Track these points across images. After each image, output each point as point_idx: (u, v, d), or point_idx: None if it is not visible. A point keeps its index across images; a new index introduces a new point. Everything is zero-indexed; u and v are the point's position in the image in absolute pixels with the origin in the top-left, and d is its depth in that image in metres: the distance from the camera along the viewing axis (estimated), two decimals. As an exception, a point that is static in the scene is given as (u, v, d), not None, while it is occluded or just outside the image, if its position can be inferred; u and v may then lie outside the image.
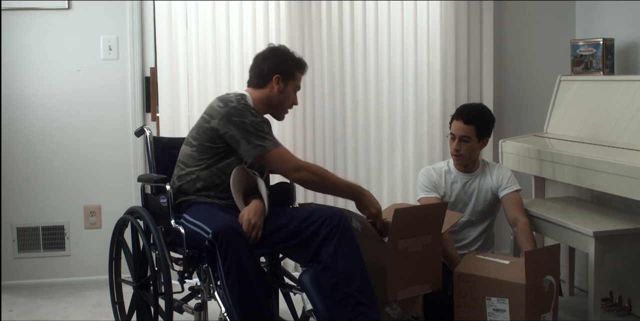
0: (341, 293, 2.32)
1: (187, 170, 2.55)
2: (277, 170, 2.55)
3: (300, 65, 2.65)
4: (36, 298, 3.46)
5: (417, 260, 2.57)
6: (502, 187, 2.96)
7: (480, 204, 2.99)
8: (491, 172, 3.01)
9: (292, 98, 2.66)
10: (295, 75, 2.63)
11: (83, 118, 3.61)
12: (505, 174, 2.98)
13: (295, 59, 2.64)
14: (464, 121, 2.90)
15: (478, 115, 2.95)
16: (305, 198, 3.60)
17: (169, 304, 2.43)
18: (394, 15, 3.70)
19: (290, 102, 2.67)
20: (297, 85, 2.67)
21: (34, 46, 3.54)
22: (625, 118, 2.96)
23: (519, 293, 2.50)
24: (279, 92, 2.60)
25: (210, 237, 2.24)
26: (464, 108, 2.98)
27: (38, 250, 3.64)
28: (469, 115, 2.92)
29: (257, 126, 2.46)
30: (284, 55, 2.63)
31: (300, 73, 2.66)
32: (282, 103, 2.64)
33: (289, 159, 2.49)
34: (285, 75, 2.60)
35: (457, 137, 2.92)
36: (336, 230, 2.39)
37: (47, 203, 3.63)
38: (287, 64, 2.61)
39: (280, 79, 2.59)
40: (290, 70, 2.61)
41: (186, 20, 3.56)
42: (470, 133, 2.90)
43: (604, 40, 3.34)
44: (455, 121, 2.93)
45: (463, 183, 3.00)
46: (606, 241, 2.65)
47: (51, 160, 3.61)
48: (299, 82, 2.68)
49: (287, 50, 2.66)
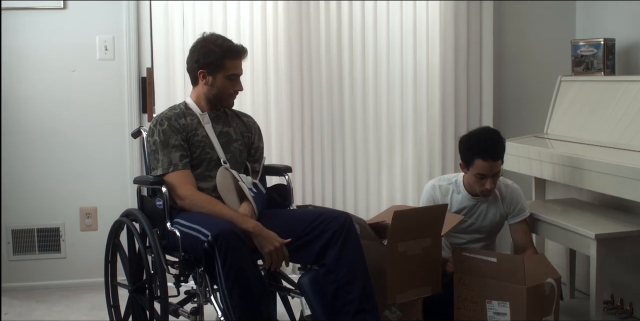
0: (343, 298, 2.30)
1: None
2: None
3: (228, 53, 2.52)
4: (31, 301, 3.42)
5: (417, 263, 2.55)
6: (512, 215, 2.90)
7: (487, 225, 2.90)
8: (502, 195, 2.88)
9: (228, 86, 2.56)
10: (224, 64, 2.52)
11: (79, 119, 3.58)
12: (516, 200, 2.87)
13: (220, 48, 2.52)
14: (493, 159, 2.71)
15: (502, 147, 2.79)
16: (304, 200, 3.58)
17: (165, 308, 2.40)
18: (393, 15, 3.68)
19: (229, 91, 2.57)
20: (232, 73, 2.54)
21: (29, 46, 3.51)
22: (627, 119, 2.94)
23: (520, 297, 2.49)
24: (210, 86, 2.56)
25: (210, 239, 2.21)
26: (489, 145, 2.74)
27: (33, 252, 3.61)
28: (496, 151, 2.74)
29: (156, 147, 2.51)
30: (205, 47, 2.54)
31: (230, 60, 2.53)
32: (219, 95, 2.58)
33: (177, 186, 2.45)
34: (209, 68, 2.54)
35: (488, 176, 2.72)
36: (340, 233, 2.37)
37: (42, 204, 3.59)
38: (208, 57, 2.53)
39: (206, 73, 2.55)
40: (215, 62, 2.53)
41: (183, 20, 3.53)
42: (500, 166, 2.77)
43: (604, 40, 3.31)
44: (483, 161, 2.70)
45: (471, 205, 2.88)
46: (608, 243, 2.63)
47: (46, 161, 3.58)
48: (234, 69, 2.54)
49: (209, 40, 2.55)
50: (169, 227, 2.43)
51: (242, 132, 2.69)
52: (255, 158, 2.73)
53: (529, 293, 2.48)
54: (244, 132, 2.70)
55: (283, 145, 3.62)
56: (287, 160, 3.58)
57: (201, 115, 2.58)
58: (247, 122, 2.74)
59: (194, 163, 2.55)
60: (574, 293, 3.37)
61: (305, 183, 3.65)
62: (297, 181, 3.61)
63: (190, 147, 2.54)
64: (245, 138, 2.70)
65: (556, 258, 3.38)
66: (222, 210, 2.41)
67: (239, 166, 2.64)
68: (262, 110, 3.58)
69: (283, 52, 3.58)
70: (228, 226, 2.26)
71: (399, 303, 2.53)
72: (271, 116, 3.60)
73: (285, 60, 3.58)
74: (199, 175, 2.54)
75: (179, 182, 2.47)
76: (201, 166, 2.55)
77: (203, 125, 2.58)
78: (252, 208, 2.48)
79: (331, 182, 3.71)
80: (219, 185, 2.50)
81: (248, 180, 2.58)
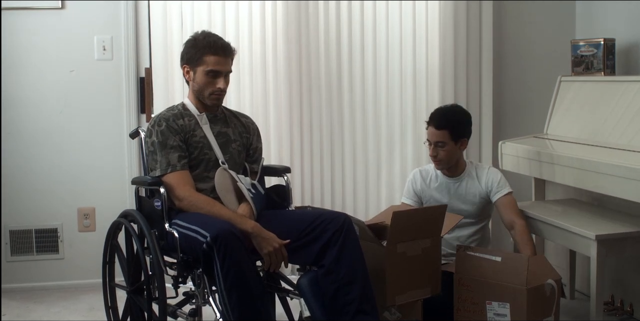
0: (343, 299, 2.29)
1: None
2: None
3: (208, 48, 2.50)
4: (29, 302, 3.41)
5: (416, 264, 2.53)
6: (493, 192, 2.95)
7: (468, 207, 2.96)
8: (479, 176, 2.98)
9: (208, 83, 2.52)
10: (202, 59, 2.50)
11: (77, 119, 3.57)
12: (494, 178, 2.96)
13: (202, 42, 2.52)
14: (435, 127, 2.90)
15: (449, 118, 2.92)
16: (303, 202, 3.57)
17: (163, 309, 2.38)
18: (392, 15, 3.67)
19: (210, 88, 2.53)
20: (211, 69, 2.50)
21: (27, 46, 3.50)
22: (626, 119, 2.93)
23: (520, 298, 2.47)
24: (192, 82, 2.57)
25: (209, 240, 2.20)
26: (435, 114, 2.96)
27: (31, 253, 3.60)
28: (440, 120, 2.91)
29: (154, 148, 2.50)
30: (189, 42, 2.57)
31: (209, 55, 2.50)
32: (200, 91, 2.56)
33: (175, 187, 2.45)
34: (191, 63, 2.55)
35: (432, 143, 2.91)
36: (340, 234, 2.36)
37: (40, 205, 3.58)
38: (189, 51, 2.55)
39: (189, 68, 2.56)
40: (195, 56, 2.53)
41: (181, 20, 3.52)
42: (444, 138, 2.89)
43: (604, 40, 3.30)
44: (430, 127, 2.92)
45: (448, 187, 2.99)
46: (608, 244, 2.62)
47: (44, 161, 3.56)
48: (214, 65, 2.50)
49: (195, 36, 2.57)
50: (167, 228, 2.42)
51: (240, 133, 2.68)
52: (254, 158, 2.72)
53: (529, 294, 2.47)
54: (242, 133, 2.69)
55: (282, 146, 3.61)
56: (285, 161, 3.57)
57: (199, 116, 2.57)
58: (245, 122, 2.73)
59: (192, 164, 2.53)
60: (574, 294, 3.36)
61: (304, 184, 3.64)
62: (296, 182, 3.60)
63: (189, 147, 2.53)
64: (243, 138, 2.69)
65: (556, 258, 3.37)
66: (220, 211, 2.40)
67: (237, 167, 2.62)
68: (261, 110, 3.57)
69: (282, 52, 3.57)
70: (227, 227, 2.24)
71: (398, 304, 2.51)
72: (270, 116, 3.59)
73: (284, 61, 3.57)
74: (197, 175, 2.53)
75: (177, 183, 2.46)
76: (199, 167, 2.54)
77: (201, 126, 2.56)
78: (250, 209, 2.47)
79: (330, 182, 3.70)
80: (218, 186, 2.49)
81: (247, 181, 2.56)
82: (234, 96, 3.54)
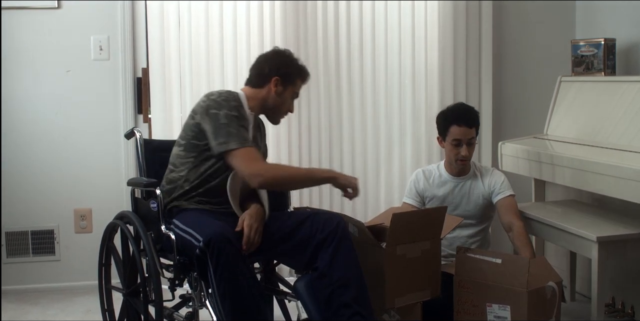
0: (337, 302, 2.27)
1: (176, 171, 2.49)
2: (238, 172, 2.38)
3: (302, 73, 2.61)
4: (24, 304, 3.39)
5: (416, 266, 2.51)
6: (495, 193, 2.94)
7: (471, 208, 2.96)
8: (483, 177, 2.99)
9: (288, 104, 2.60)
10: (295, 81, 2.58)
11: (73, 119, 3.55)
12: (497, 180, 2.96)
13: (298, 65, 2.60)
14: (468, 125, 2.90)
15: (475, 116, 2.96)
16: (301, 203, 3.55)
17: (159, 312, 2.36)
18: (391, 15, 3.65)
19: (286, 107, 2.60)
20: (296, 92, 2.61)
21: (22, 46, 3.47)
22: (627, 119, 2.92)
23: (521, 300, 2.45)
24: (275, 95, 2.55)
25: (202, 245, 2.17)
26: (462, 113, 2.95)
27: (27, 254, 3.57)
28: (469, 118, 2.92)
29: (228, 121, 2.35)
30: (288, 59, 2.60)
31: (300, 80, 2.60)
32: (278, 107, 2.58)
33: (249, 163, 2.32)
34: (284, 78, 2.55)
35: (464, 142, 2.90)
36: (333, 236, 2.33)
37: (36, 206, 3.56)
38: (288, 68, 2.57)
39: (279, 82, 2.54)
40: (291, 75, 2.57)
41: (178, 19, 3.50)
42: (474, 134, 2.93)
43: (605, 40, 3.28)
44: (457, 127, 2.89)
45: (453, 186, 2.98)
46: (610, 246, 2.60)
47: (40, 162, 3.54)
48: (299, 89, 2.62)
49: (291, 55, 2.62)
50: (163, 230, 2.39)
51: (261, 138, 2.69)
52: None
53: (530, 296, 2.45)
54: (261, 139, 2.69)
55: (280, 147, 3.59)
56: (284, 161, 3.55)
57: (250, 115, 2.53)
58: (263, 125, 2.73)
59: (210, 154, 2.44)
60: (575, 296, 3.35)
61: (303, 185, 3.61)
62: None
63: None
64: (261, 143, 2.69)
65: (556, 260, 3.35)
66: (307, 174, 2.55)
67: None
68: (258, 110, 3.55)
69: (280, 52, 3.55)
70: (220, 230, 2.20)
71: (397, 307, 2.49)
72: (268, 117, 3.56)
73: (282, 61, 3.54)
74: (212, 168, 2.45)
75: (255, 157, 2.36)
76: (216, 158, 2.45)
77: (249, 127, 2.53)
78: (263, 210, 2.44)
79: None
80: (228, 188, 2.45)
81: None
82: (231, 96, 3.52)
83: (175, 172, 2.49)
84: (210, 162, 2.44)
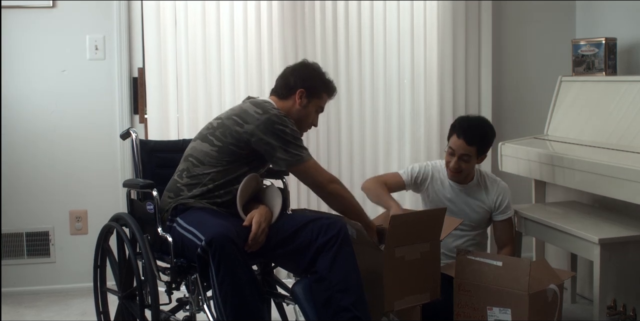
0: (336, 306, 2.25)
1: (201, 167, 2.45)
2: (309, 181, 2.46)
3: (329, 87, 2.59)
4: (19, 307, 3.35)
5: (415, 269, 2.48)
6: (498, 212, 2.90)
7: (468, 216, 2.89)
8: (488, 188, 2.90)
9: (312, 117, 2.58)
10: (321, 95, 2.57)
11: (68, 120, 3.51)
12: (503, 199, 2.89)
13: (324, 78, 2.59)
14: (466, 142, 2.77)
15: (482, 135, 2.81)
16: (299, 205, 3.52)
17: (156, 316, 2.33)
18: (390, 15, 3.63)
19: (310, 120, 2.58)
20: (321, 106, 2.59)
21: (17, 46, 3.44)
22: (628, 119, 2.90)
23: (522, 303, 2.42)
24: (300, 107, 2.53)
25: (204, 244, 2.15)
26: (467, 127, 2.81)
27: (22, 256, 3.54)
28: (472, 135, 2.78)
29: (296, 135, 2.43)
30: (315, 72, 2.59)
31: (326, 94, 2.59)
32: (302, 119, 2.55)
33: (323, 171, 2.46)
34: (310, 91, 2.54)
35: (456, 155, 2.79)
36: (335, 240, 2.30)
37: (31, 208, 3.52)
38: (314, 82, 2.55)
39: (304, 94, 2.53)
40: (317, 89, 2.55)
41: (175, 19, 3.47)
42: (471, 152, 2.79)
43: (606, 39, 3.26)
44: (456, 138, 2.79)
45: (455, 193, 2.90)
46: (612, 248, 2.58)
47: (35, 163, 3.50)
48: (324, 103, 2.59)
49: (319, 69, 2.61)
50: (160, 232, 2.36)
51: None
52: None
53: (531, 299, 2.42)
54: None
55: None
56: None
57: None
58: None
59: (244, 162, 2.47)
60: (576, 298, 3.32)
61: (301, 187, 3.58)
62: (293, 184, 3.53)
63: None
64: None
65: (557, 262, 3.33)
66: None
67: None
68: (256, 111, 3.52)
69: (278, 52, 3.53)
70: (222, 230, 2.18)
71: (396, 310, 2.46)
72: (266, 117, 3.53)
73: (280, 61, 3.51)
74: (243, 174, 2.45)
75: (322, 167, 2.48)
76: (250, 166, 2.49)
77: None
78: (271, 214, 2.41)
79: (327, 184, 3.64)
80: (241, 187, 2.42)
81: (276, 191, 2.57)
82: (229, 97, 3.50)
83: (200, 168, 2.45)
84: (243, 169, 2.45)
